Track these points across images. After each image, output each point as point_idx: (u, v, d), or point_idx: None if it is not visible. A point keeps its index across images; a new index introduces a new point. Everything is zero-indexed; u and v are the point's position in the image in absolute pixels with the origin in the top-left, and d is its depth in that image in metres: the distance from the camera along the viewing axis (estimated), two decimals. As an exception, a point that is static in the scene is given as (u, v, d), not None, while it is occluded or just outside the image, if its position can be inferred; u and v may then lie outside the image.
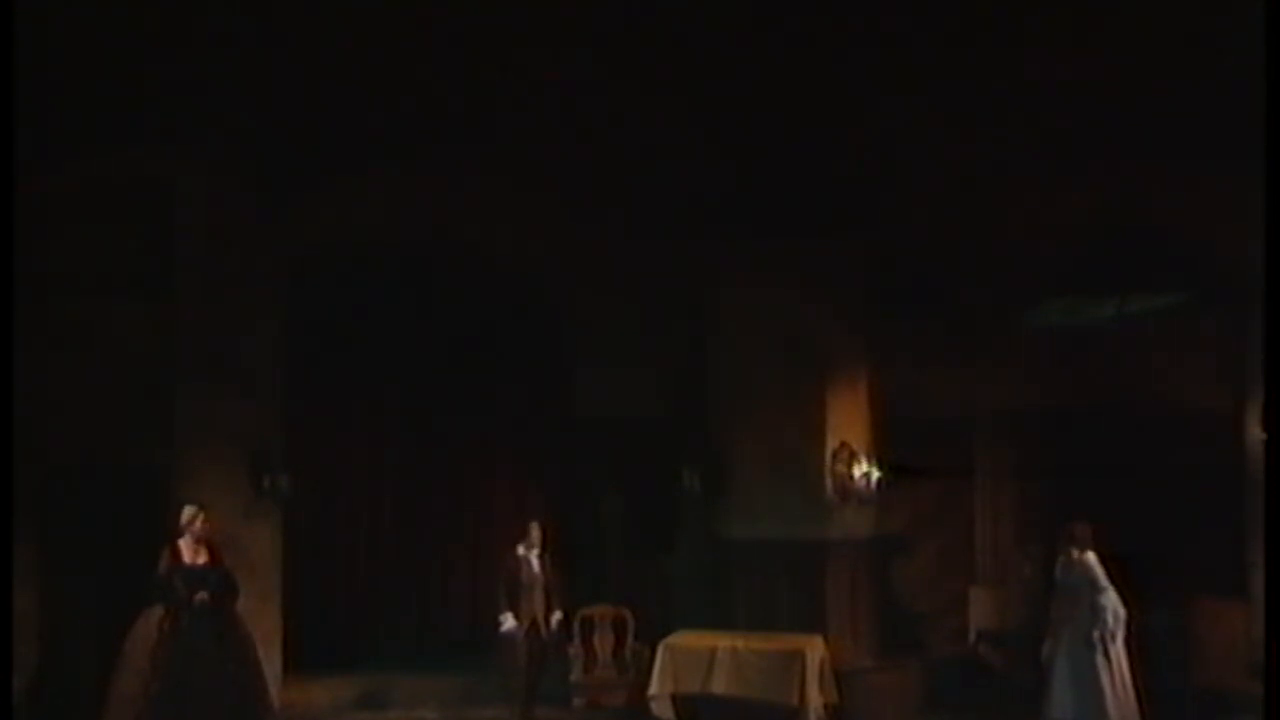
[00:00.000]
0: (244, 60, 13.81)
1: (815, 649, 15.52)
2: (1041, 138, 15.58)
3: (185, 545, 13.47)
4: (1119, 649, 13.85)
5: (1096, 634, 13.76)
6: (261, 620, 15.00)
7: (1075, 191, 16.74)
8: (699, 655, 15.67)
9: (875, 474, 17.07)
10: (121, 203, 15.58)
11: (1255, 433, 16.02)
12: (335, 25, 13.15)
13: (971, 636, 18.34)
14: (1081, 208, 17.09)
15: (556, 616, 16.04)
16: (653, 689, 15.75)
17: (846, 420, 17.14)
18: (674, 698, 15.70)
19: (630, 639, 16.65)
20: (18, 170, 12.84)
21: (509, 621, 15.79)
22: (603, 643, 16.71)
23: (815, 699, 15.25)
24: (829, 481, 16.86)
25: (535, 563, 15.99)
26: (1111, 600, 13.85)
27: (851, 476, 16.91)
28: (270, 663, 14.74)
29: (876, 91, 14.86)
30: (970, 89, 14.71)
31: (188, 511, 13.56)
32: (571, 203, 17.09)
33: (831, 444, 16.94)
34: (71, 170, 15.15)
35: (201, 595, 13.26)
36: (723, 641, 15.71)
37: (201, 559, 13.47)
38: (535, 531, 16.05)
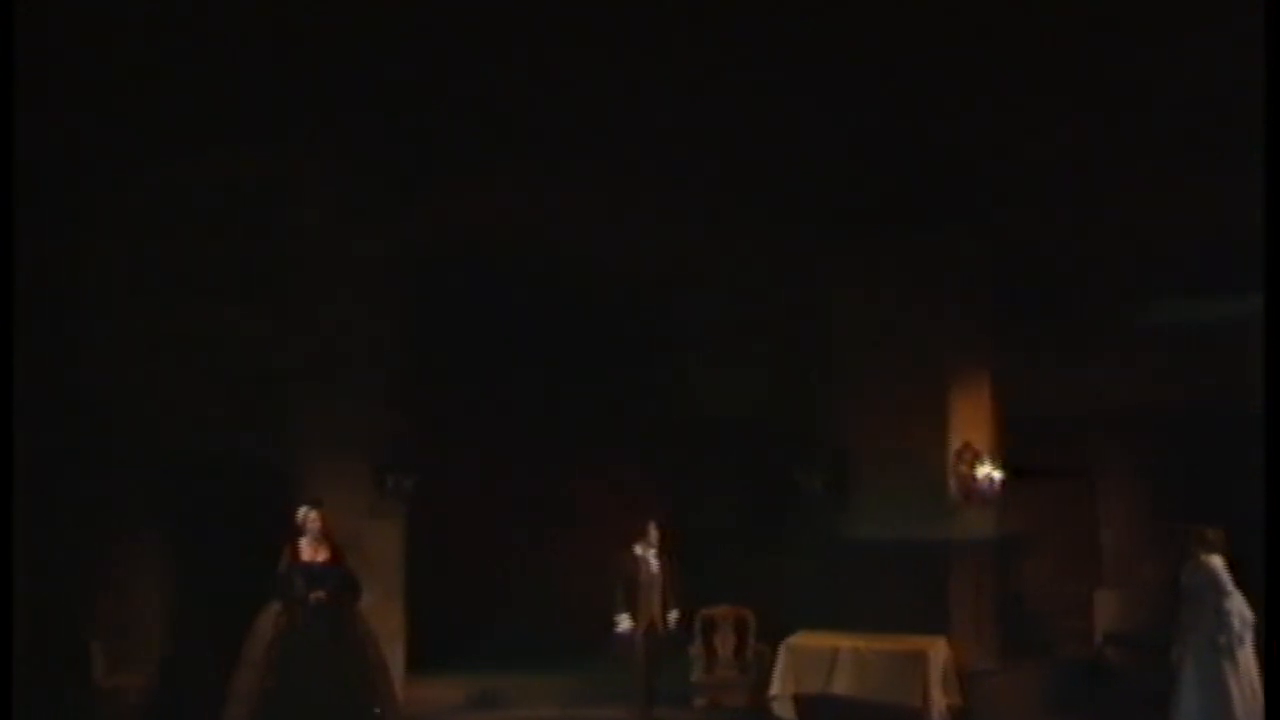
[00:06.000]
0: (359, 60, 13.88)
1: (938, 650, 15.41)
2: (1158, 137, 15.37)
3: (305, 544, 13.52)
4: (1247, 654, 13.59)
5: (1223, 639, 13.52)
6: (386, 619, 15.09)
7: (1193, 191, 16.50)
8: (821, 656, 15.61)
9: (998, 474, 16.94)
10: (242, 202, 15.72)
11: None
12: (447, 25, 13.18)
13: (1097, 639, 18.17)
14: (1199, 206, 16.85)
15: (673, 615, 16.03)
16: (774, 689, 15.72)
17: (969, 421, 17.05)
18: (795, 698, 15.66)
19: (751, 639, 16.61)
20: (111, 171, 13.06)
21: (625, 622, 15.79)
22: (724, 643, 16.69)
23: (938, 700, 15.15)
24: (952, 482, 16.76)
25: (654, 562, 15.99)
26: (1237, 605, 13.59)
27: (974, 477, 16.82)
28: (393, 661, 14.80)
29: (995, 88, 14.72)
30: (1088, 87, 14.53)
31: (301, 511, 13.63)
32: (693, 202, 17.05)
33: (954, 444, 16.84)
34: (188, 170, 15.30)
35: (318, 594, 13.31)
36: (845, 642, 15.64)
37: (321, 557, 13.51)
38: (653, 531, 16.05)
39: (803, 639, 15.94)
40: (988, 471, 16.88)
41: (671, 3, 13.03)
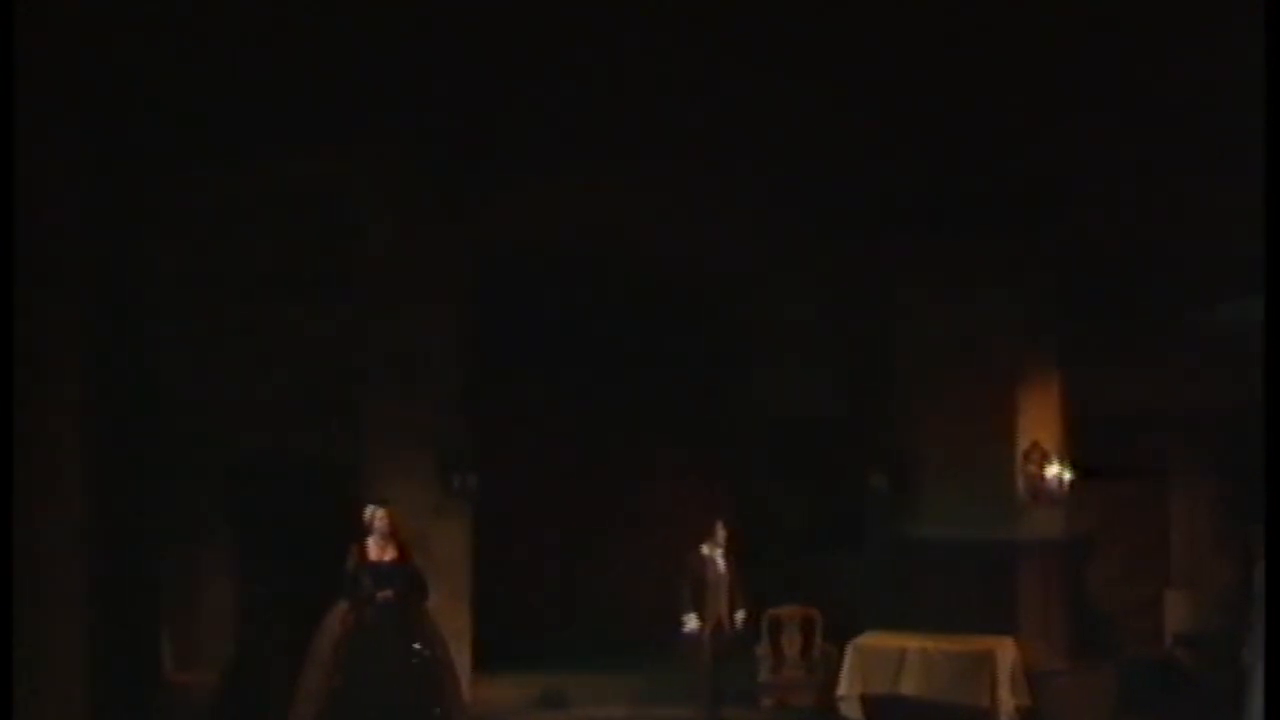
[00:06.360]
0: (423, 61, 13.91)
1: (1006, 650, 15.37)
2: (1228, 134, 15.25)
3: (372, 543, 13.53)
4: (1322, 656, 13.43)
5: (1296, 640, 13.36)
6: (453, 618, 15.11)
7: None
8: (888, 656, 15.60)
9: (1066, 474, 16.83)
10: (309, 204, 15.78)
11: None
12: (513, 24, 13.20)
13: (1167, 640, 18.03)
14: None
15: (740, 615, 15.99)
16: (841, 689, 15.72)
17: (1038, 420, 16.94)
18: (863, 698, 15.66)
19: (819, 639, 16.58)
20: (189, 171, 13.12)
21: (692, 622, 15.77)
22: (791, 643, 16.67)
23: (1006, 701, 15.13)
24: (1020, 481, 16.66)
25: (720, 562, 15.96)
26: (1310, 606, 13.42)
27: (1043, 477, 16.71)
28: (460, 660, 14.83)
29: (1061, 89, 14.64)
30: (1155, 85, 14.43)
31: (369, 510, 13.65)
32: (758, 203, 17.02)
33: (1022, 444, 16.75)
34: (258, 172, 15.37)
35: (386, 593, 13.33)
36: (912, 642, 15.62)
37: (389, 556, 13.51)
38: (720, 531, 16.02)
39: (870, 639, 15.92)
40: (1056, 471, 16.77)
41: (745, 6, 13.04)
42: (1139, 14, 12.90)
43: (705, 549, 15.98)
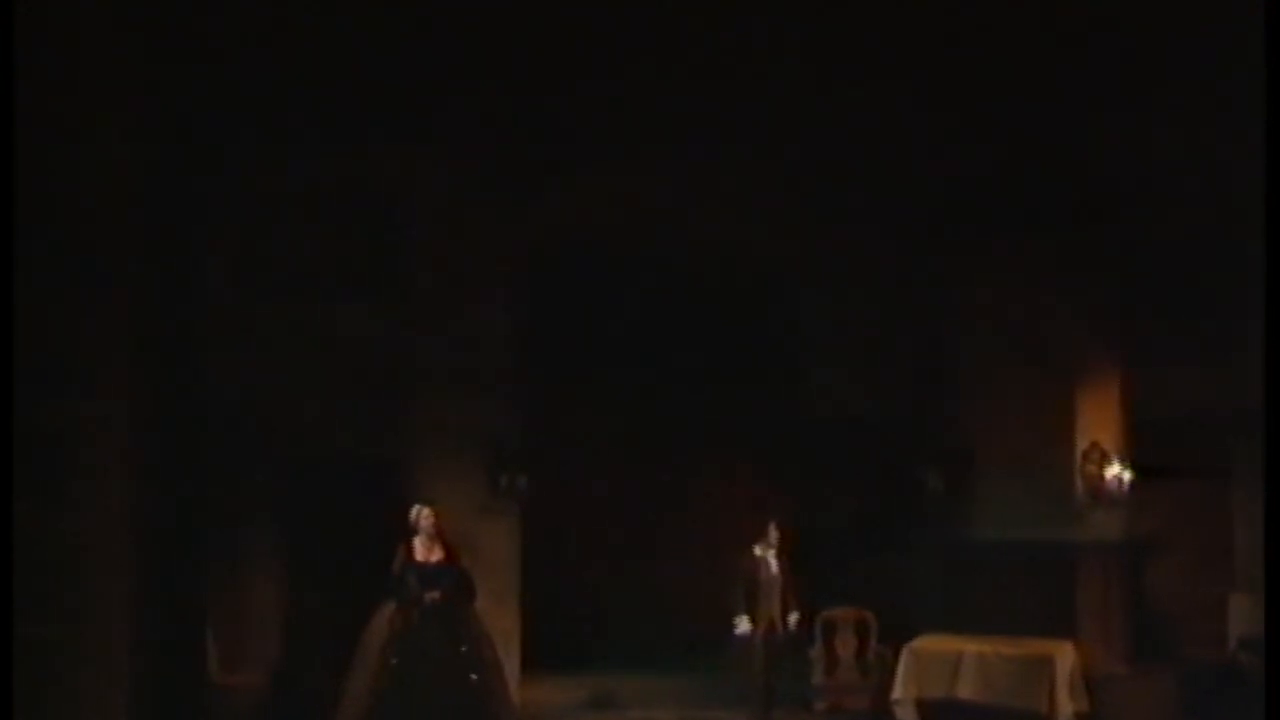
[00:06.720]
0: (473, 59, 13.87)
1: (1065, 654, 15.22)
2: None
3: (419, 544, 13.49)
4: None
5: (1366, 644, 13.08)
6: (500, 619, 15.08)
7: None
8: (944, 659, 15.48)
9: (1127, 475, 16.62)
10: (358, 203, 15.77)
11: None
12: (568, 18, 13.15)
13: (1231, 643, 17.76)
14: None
15: (794, 617, 15.84)
16: (897, 693, 15.61)
17: (1097, 420, 16.80)
18: (918, 702, 15.51)
19: (873, 642, 16.43)
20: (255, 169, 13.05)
21: (744, 624, 15.64)
22: (845, 645, 16.53)
23: (1065, 706, 15.01)
24: (1079, 482, 16.48)
25: (773, 563, 15.85)
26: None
27: (1103, 477, 16.56)
28: (508, 661, 14.78)
29: (1126, 87, 14.49)
30: (1217, 85, 14.25)
31: (415, 510, 13.59)
32: (811, 200, 16.89)
33: (1082, 444, 16.57)
34: (308, 171, 15.35)
35: (433, 594, 13.26)
36: (969, 646, 15.48)
37: (435, 557, 13.49)
38: (773, 532, 15.89)
39: (926, 642, 15.78)
40: (1116, 472, 16.60)
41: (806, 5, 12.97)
42: (1205, 11, 12.77)
43: (758, 550, 15.88)
